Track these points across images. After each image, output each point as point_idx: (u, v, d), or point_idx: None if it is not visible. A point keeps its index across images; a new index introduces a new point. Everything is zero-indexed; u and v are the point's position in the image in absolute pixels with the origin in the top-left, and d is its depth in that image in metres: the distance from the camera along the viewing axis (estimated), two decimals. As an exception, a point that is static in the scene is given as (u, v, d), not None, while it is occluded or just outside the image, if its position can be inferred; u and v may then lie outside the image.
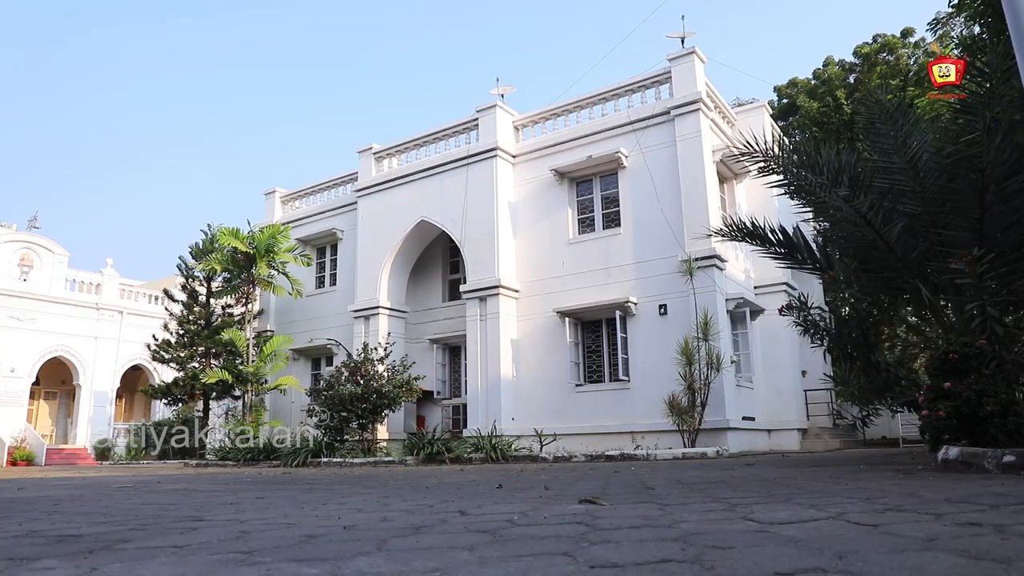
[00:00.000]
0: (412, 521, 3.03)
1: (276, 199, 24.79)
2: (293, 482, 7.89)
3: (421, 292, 21.56)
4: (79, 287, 28.76)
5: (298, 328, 22.69)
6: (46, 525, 3.27)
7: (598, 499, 3.76)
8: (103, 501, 5.14)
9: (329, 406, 16.88)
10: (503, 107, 19.54)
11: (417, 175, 20.35)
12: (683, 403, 15.14)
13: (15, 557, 2.18)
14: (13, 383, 26.26)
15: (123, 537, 2.66)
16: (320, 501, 4.59)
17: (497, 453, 14.79)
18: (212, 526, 3.04)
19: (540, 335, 18.14)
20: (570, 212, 18.46)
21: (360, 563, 1.91)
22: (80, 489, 7.12)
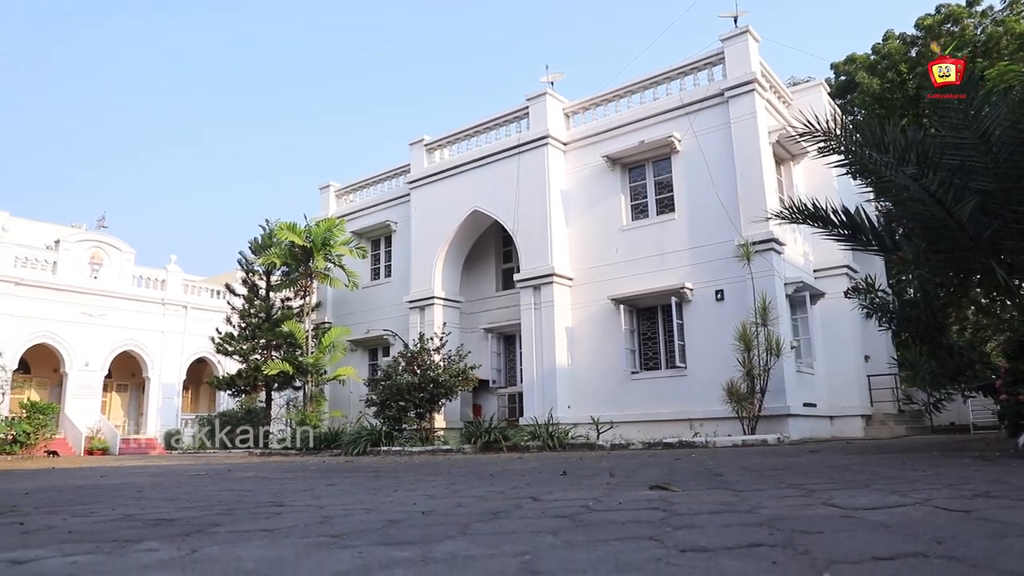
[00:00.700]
0: (487, 507, 3.07)
1: (331, 193, 25.22)
2: (358, 470, 8.05)
3: (475, 282, 21.68)
4: (146, 283, 29.83)
5: (355, 319, 23.09)
6: (137, 510, 3.41)
7: (669, 485, 3.74)
8: (182, 488, 5.34)
9: (387, 396, 17.16)
10: (553, 95, 19.45)
11: (468, 165, 20.44)
12: (742, 389, 14.92)
13: (118, 539, 2.28)
14: (87, 376, 27.43)
15: (213, 521, 2.76)
16: (390, 488, 4.68)
17: (554, 441, 14.83)
18: (293, 511, 3.13)
19: (594, 323, 18.08)
20: (623, 198, 18.30)
21: (448, 546, 1.95)
22: (157, 477, 7.39)
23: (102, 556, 1.95)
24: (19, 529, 2.68)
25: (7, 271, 25.63)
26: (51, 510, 3.51)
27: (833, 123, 9.55)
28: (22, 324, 25.64)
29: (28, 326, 25.83)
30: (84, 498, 4.38)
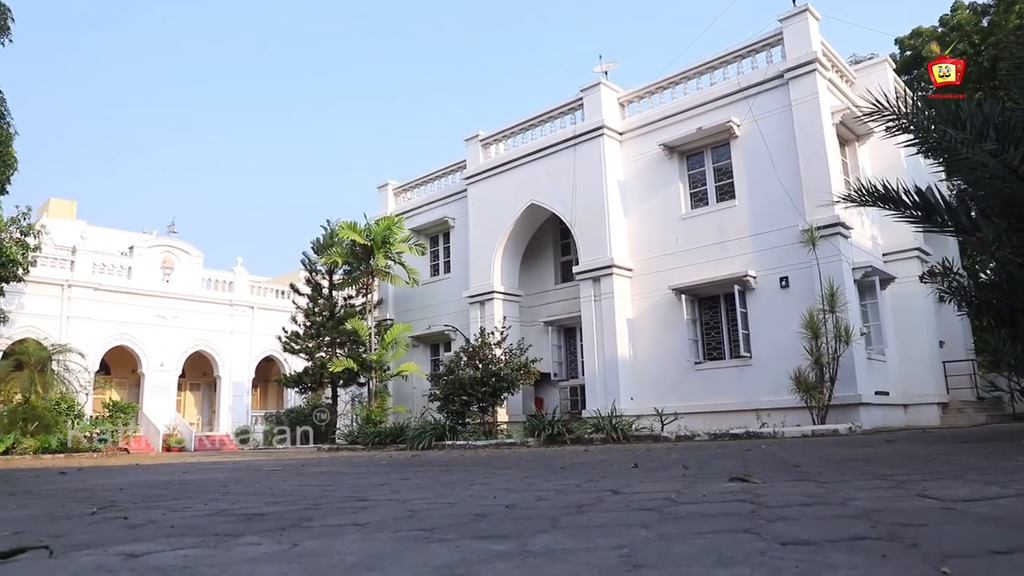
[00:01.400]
0: (569, 500, 3.08)
1: (389, 192, 25.57)
2: (428, 464, 8.16)
3: (533, 275, 21.71)
4: (214, 286, 30.84)
5: (416, 316, 23.39)
6: (228, 505, 3.54)
7: (749, 477, 3.68)
8: (263, 483, 5.51)
9: (450, 390, 17.34)
10: (607, 84, 19.28)
11: (524, 159, 20.44)
12: (810, 378, 14.56)
13: (219, 533, 2.37)
14: (163, 376, 28.55)
15: (304, 516, 2.84)
16: (465, 482, 4.73)
17: (618, 433, 14.76)
18: (378, 506, 3.19)
19: (656, 313, 17.91)
20: (681, 187, 18.05)
21: (542, 540, 1.96)
22: (236, 472, 7.64)
23: (209, 550, 2.02)
24: (125, 523, 2.81)
25: (87, 277, 26.85)
26: (148, 505, 3.67)
27: (903, 100, 9.22)
28: (102, 327, 26.83)
29: (107, 329, 27.01)
30: (175, 493, 4.56)
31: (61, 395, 22.14)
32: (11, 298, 23.51)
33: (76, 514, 3.36)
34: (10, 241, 21.80)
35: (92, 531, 2.62)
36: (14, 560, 1.96)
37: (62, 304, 26.25)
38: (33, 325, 25.11)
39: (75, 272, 26.79)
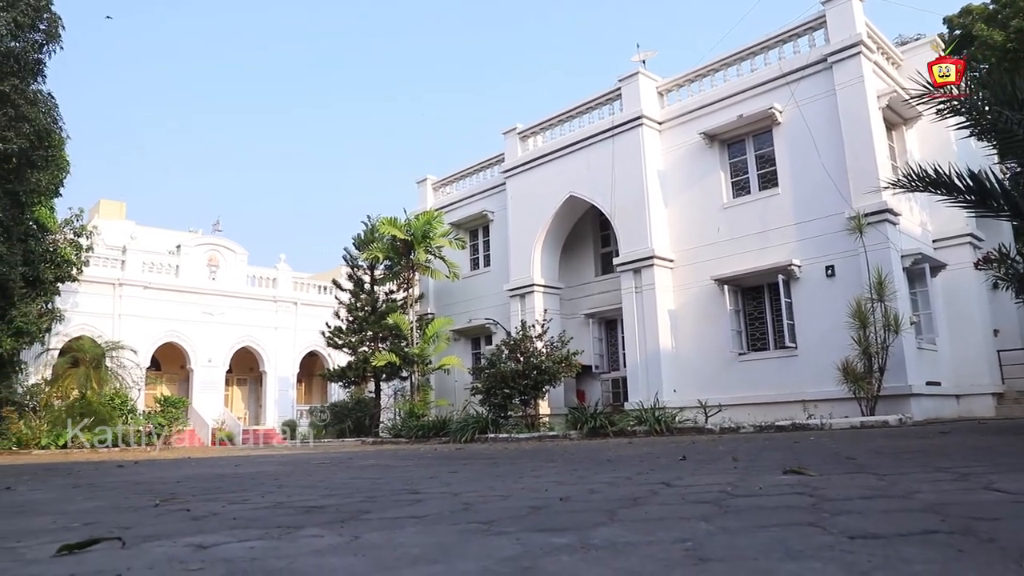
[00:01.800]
0: (622, 493, 3.07)
1: (428, 187, 25.72)
2: (473, 457, 8.21)
3: (574, 267, 21.65)
4: (258, 282, 31.43)
5: (457, 309, 23.53)
6: (283, 497, 3.61)
7: (804, 469, 3.62)
8: (314, 476, 5.60)
9: (492, 384, 17.41)
10: (645, 73, 19.09)
11: (562, 151, 20.37)
12: (858, 369, 14.30)
13: (281, 525, 2.41)
14: (211, 372, 29.22)
15: (360, 508, 2.88)
16: (514, 475, 4.75)
17: (661, 425, 14.67)
18: (431, 498, 3.22)
19: (698, 304, 17.74)
20: (722, 175, 17.82)
21: (603, 533, 1.96)
22: (286, 465, 7.78)
23: (273, 541, 2.07)
24: (188, 515, 2.89)
25: (137, 276, 27.59)
26: (208, 498, 3.76)
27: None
28: (152, 324, 27.55)
29: (157, 326, 27.74)
30: (231, 486, 4.67)
31: (115, 391, 22.81)
32: (66, 297, 24.28)
33: (140, 506, 3.46)
34: (64, 242, 22.52)
35: (158, 523, 2.69)
36: (89, 551, 2.02)
37: (114, 302, 27.02)
38: (87, 323, 25.90)
39: (126, 271, 27.54)
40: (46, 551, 2.07)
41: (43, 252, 21.66)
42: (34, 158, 17.98)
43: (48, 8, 17.01)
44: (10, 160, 17.01)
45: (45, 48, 17.31)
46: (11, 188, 18.32)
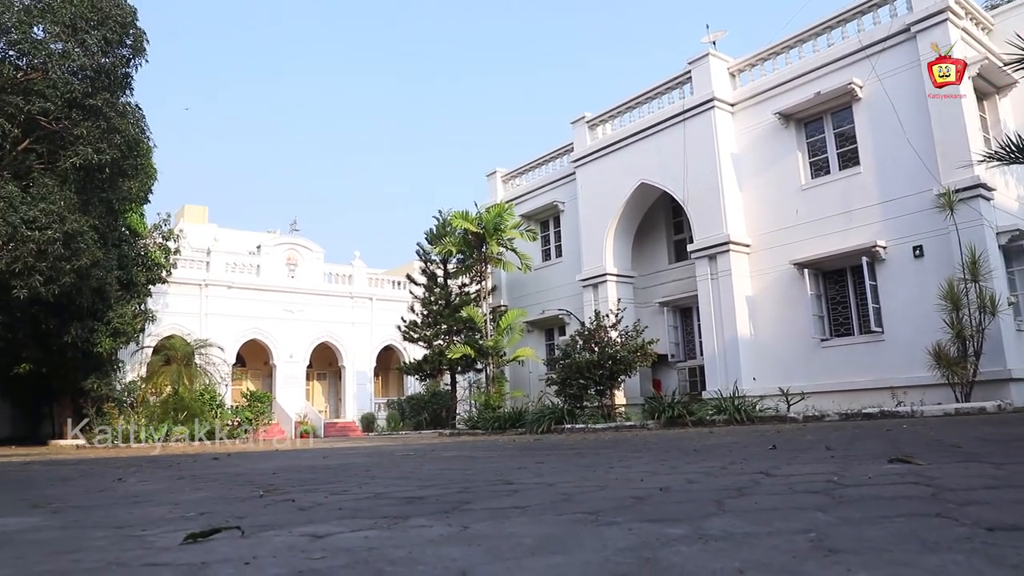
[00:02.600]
0: (723, 483, 3.01)
1: (497, 179, 25.82)
2: (555, 448, 8.22)
3: (646, 255, 21.37)
4: (335, 279, 32.27)
5: (529, 301, 23.58)
6: (381, 488, 3.69)
7: (911, 458, 3.47)
8: (402, 467, 5.71)
9: (567, 374, 17.39)
10: (716, 55, 18.62)
11: (632, 138, 20.10)
12: (951, 353, 13.64)
13: (387, 516, 2.46)
14: (293, 367, 30.18)
15: (460, 499, 2.92)
16: (602, 465, 4.73)
17: (741, 414, 14.39)
18: (528, 489, 3.23)
19: (777, 289, 17.26)
20: (800, 156, 17.25)
21: (716, 523, 1.92)
22: (372, 457, 7.97)
23: (385, 531, 2.11)
24: (294, 506, 2.98)
25: (221, 276, 28.72)
26: (308, 489, 3.88)
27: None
28: (236, 322, 28.64)
29: (241, 324, 28.81)
30: (327, 477, 4.80)
31: (204, 387, 23.82)
32: (157, 298, 25.48)
33: (245, 497, 3.59)
34: (154, 246, 23.63)
35: (268, 513, 2.79)
36: (212, 539, 2.11)
37: (200, 302, 28.18)
38: (177, 322, 27.10)
39: (211, 272, 28.69)
40: (172, 539, 2.17)
41: (135, 256, 22.80)
42: (125, 167, 18.90)
43: (134, 24, 17.81)
44: (103, 170, 17.92)
45: (132, 62, 18.14)
46: (105, 196, 19.32)
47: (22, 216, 15.53)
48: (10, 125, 15.83)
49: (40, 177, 16.98)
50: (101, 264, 18.85)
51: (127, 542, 2.16)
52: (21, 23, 15.81)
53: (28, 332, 21.00)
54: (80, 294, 18.86)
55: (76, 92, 16.46)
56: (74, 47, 16.40)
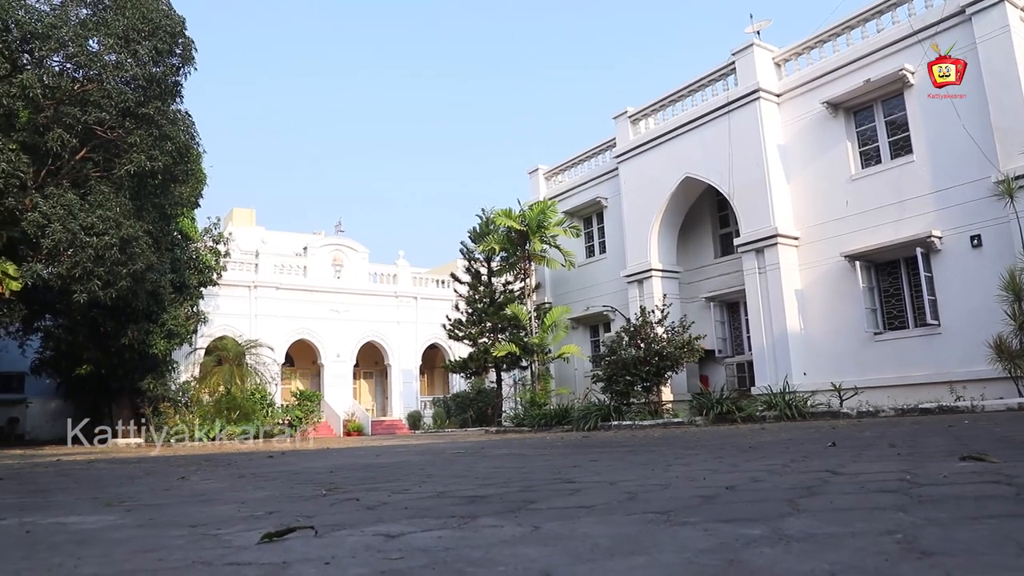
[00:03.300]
0: (789, 481, 2.96)
1: (539, 176, 25.80)
2: (605, 445, 8.18)
3: (692, 250, 21.15)
4: (380, 279, 32.65)
5: (573, 298, 23.53)
6: (441, 487, 3.71)
7: (985, 456, 3.36)
8: (457, 466, 5.74)
9: (613, 371, 17.31)
10: (760, 44, 18.31)
11: (675, 132, 19.90)
12: (1013, 346, 13.20)
13: (455, 515, 2.48)
14: (340, 366, 30.64)
15: (524, 498, 2.92)
16: (659, 463, 4.69)
17: (792, 410, 14.15)
18: (589, 488, 3.22)
19: (827, 283, 16.92)
20: (849, 146, 16.88)
21: (794, 523, 1.89)
22: (424, 455, 8.03)
23: (456, 531, 2.12)
24: (359, 505, 3.02)
25: (269, 278, 29.29)
26: (369, 488, 3.93)
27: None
28: (284, 323, 29.19)
29: (289, 324, 29.35)
30: (384, 476, 4.86)
31: (255, 386, 24.33)
32: (208, 300, 26.11)
33: (309, 495, 3.65)
34: (205, 250, 24.20)
35: (336, 512, 2.83)
36: (287, 538, 2.15)
37: (250, 303, 28.78)
38: (228, 323, 27.73)
39: (259, 274, 29.27)
40: (248, 538, 2.21)
41: (187, 260, 23.40)
42: (176, 173, 19.39)
43: (183, 34, 18.24)
44: (156, 176, 18.41)
45: (181, 70, 18.58)
46: (158, 202, 19.84)
47: (81, 223, 16.04)
48: (68, 135, 16.35)
49: (97, 185, 17.52)
50: (155, 268, 19.37)
51: (205, 541, 2.21)
52: (78, 36, 16.32)
53: (88, 335, 21.73)
54: (136, 297, 19.41)
55: (129, 101, 16.93)
56: (127, 58, 16.86)
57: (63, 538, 2.45)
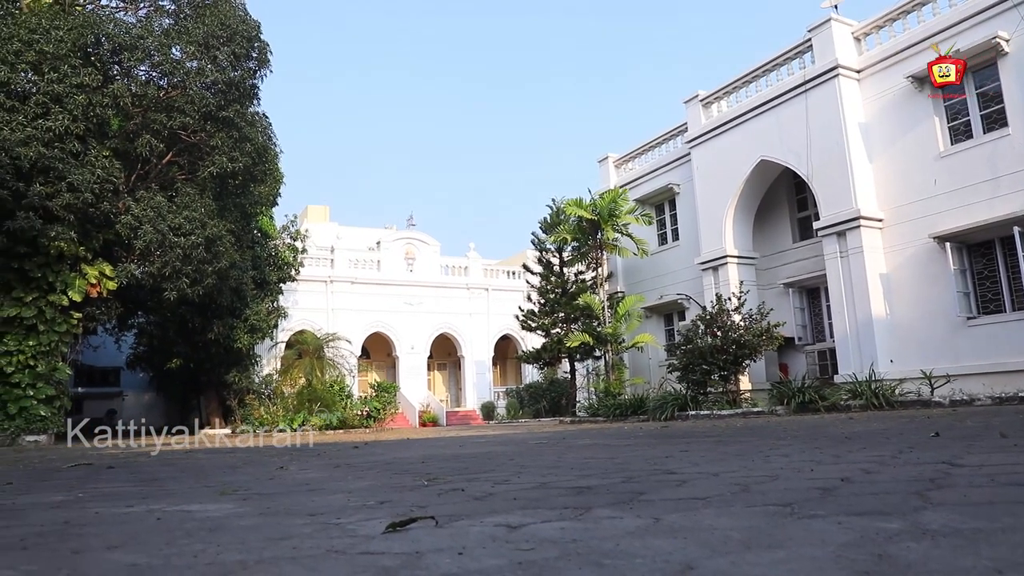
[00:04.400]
0: (906, 473, 2.86)
1: (609, 164, 25.58)
2: (689, 435, 8.08)
3: (768, 235, 20.60)
4: (451, 271, 33.03)
5: (646, 286, 23.27)
6: (539, 478, 3.74)
7: (1118, 446, 3.18)
8: (545, 456, 5.77)
9: (689, 360, 17.06)
10: (838, 19, 17.63)
11: (749, 114, 19.39)
12: (1124, 328, 12.40)
13: (567, 507, 2.49)
14: (414, 358, 31.18)
15: (631, 490, 2.91)
16: (754, 454, 4.61)
17: (879, 399, 13.69)
18: (694, 479, 3.19)
19: (914, 266, 16.23)
20: (937, 121, 16.10)
21: (932, 517, 1.82)
22: (507, 446, 8.10)
23: (576, 523, 2.13)
24: (466, 495, 3.07)
25: (345, 272, 30.02)
26: (467, 478, 3.99)
27: None
28: (360, 316, 29.87)
29: (364, 317, 30.03)
30: (478, 466, 4.92)
31: (334, 378, 25.01)
32: (287, 295, 26.94)
33: (411, 486, 3.73)
34: (283, 246, 24.96)
35: (446, 502, 2.88)
36: (409, 528, 2.20)
37: (326, 298, 29.57)
38: (306, 318, 28.56)
39: (335, 269, 30.03)
40: (370, 528, 2.28)
41: (267, 257, 24.19)
42: (255, 173, 20.05)
43: (258, 38, 18.81)
44: (237, 177, 19.08)
45: (258, 73, 19.17)
46: (239, 202, 20.57)
47: (169, 224, 16.77)
48: (156, 140, 17.10)
49: (183, 187, 18.28)
50: (238, 265, 20.11)
51: (330, 530, 2.28)
52: (162, 46, 17.02)
53: (177, 330, 22.74)
54: (220, 294, 20.20)
55: (210, 106, 17.57)
56: (207, 64, 17.49)
57: (193, 525, 2.58)
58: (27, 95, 15.41)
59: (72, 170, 15.42)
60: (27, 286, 16.48)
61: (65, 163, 15.38)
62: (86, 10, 17.87)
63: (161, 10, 19.02)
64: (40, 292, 16.55)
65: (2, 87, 15.19)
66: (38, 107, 15.29)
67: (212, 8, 18.10)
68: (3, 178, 14.85)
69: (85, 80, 15.76)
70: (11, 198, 15.20)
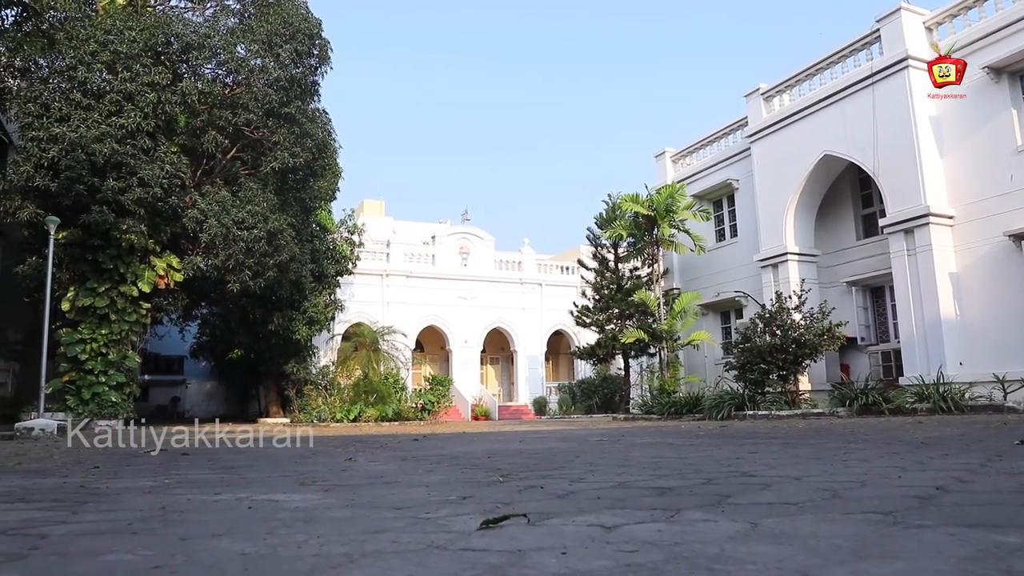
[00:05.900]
0: (1006, 483, 2.76)
1: (666, 159, 25.29)
2: (752, 436, 7.96)
3: (831, 232, 20.09)
4: (504, 266, 33.10)
5: (703, 283, 22.96)
6: (614, 477, 3.74)
7: None
8: (610, 454, 5.75)
9: (747, 359, 16.78)
10: (909, 8, 17.06)
11: (812, 108, 18.92)
12: None
13: (656, 508, 2.49)
14: (467, 352, 31.39)
15: (715, 492, 2.89)
16: (830, 457, 4.51)
17: (948, 403, 13.30)
18: (777, 483, 3.14)
19: (987, 265, 15.65)
20: (1015, 113, 15.48)
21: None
22: (566, 442, 8.11)
23: (671, 525, 2.12)
24: (547, 493, 3.09)
25: (400, 266, 30.39)
26: (542, 475, 4.01)
27: None
28: (414, 310, 30.20)
29: (419, 311, 30.34)
30: (545, 463, 4.94)
31: (389, 370, 25.35)
32: (344, 288, 27.40)
33: (487, 481, 3.77)
34: (341, 240, 25.38)
35: (529, 499, 2.90)
36: (502, 525, 2.22)
37: (382, 291, 29.97)
38: (362, 311, 29.00)
39: (390, 263, 30.41)
40: (462, 523, 2.31)
41: (325, 250, 24.64)
42: (315, 168, 20.44)
43: (319, 35, 19.15)
44: (297, 172, 19.48)
45: (318, 70, 19.52)
46: (299, 196, 21.00)
47: (233, 217, 17.23)
48: (221, 137, 17.58)
49: (246, 181, 18.74)
50: (297, 259, 20.54)
51: (424, 524, 2.32)
52: (227, 44, 17.47)
53: (238, 321, 23.36)
54: (280, 286, 20.67)
55: (273, 102, 17.96)
56: (270, 61, 17.89)
57: (286, 515, 2.65)
58: (102, 93, 16.00)
59: (143, 166, 15.96)
60: (100, 277, 17.13)
61: (136, 159, 15.94)
62: (157, 11, 18.46)
63: (227, 9, 19.51)
64: (112, 283, 17.18)
65: (80, 86, 15.81)
66: (112, 105, 15.87)
67: (275, 6, 18.50)
68: (79, 173, 15.46)
69: (156, 79, 16.29)
70: (86, 192, 15.82)
